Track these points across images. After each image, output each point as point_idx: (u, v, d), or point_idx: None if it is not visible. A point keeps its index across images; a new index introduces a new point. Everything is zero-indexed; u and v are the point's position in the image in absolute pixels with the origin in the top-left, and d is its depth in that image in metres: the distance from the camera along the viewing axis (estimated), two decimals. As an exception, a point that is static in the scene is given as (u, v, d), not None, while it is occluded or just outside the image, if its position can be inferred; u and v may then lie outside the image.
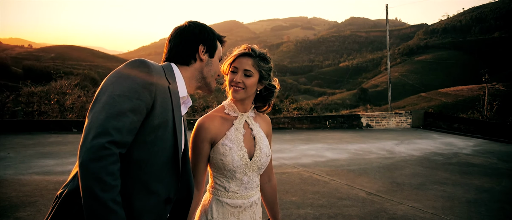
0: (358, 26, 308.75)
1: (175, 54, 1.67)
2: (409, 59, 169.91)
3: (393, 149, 10.42)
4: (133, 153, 1.41)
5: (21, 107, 13.49)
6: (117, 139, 1.29)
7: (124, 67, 1.45)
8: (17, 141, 9.95)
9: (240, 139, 1.89)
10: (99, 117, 1.30)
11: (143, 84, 1.40)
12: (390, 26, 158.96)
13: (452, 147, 11.04)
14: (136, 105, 1.36)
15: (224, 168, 1.87)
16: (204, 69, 1.72)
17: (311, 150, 9.97)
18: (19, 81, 15.69)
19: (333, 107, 57.57)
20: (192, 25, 1.71)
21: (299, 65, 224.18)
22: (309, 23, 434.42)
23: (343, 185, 6.57)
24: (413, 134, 13.97)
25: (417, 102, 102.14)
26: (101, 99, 1.35)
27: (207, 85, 1.76)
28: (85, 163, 1.23)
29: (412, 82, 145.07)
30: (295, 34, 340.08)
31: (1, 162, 7.45)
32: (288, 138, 12.30)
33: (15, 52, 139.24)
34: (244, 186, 1.91)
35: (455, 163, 8.75)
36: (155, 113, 1.43)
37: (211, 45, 1.73)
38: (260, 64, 1.88)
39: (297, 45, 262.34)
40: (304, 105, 20.01)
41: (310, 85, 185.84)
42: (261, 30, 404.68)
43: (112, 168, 1.26)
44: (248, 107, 1.98)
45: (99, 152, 1.24)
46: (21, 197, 5.31)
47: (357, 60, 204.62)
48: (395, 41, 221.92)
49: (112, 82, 1.39)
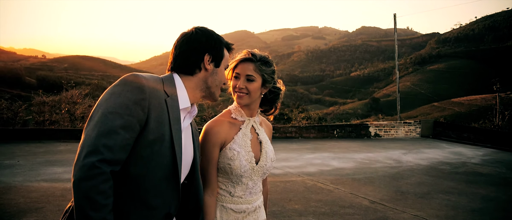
0: (369, 36, 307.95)
1: (180, 63, 1.63)
2: (421, 69, 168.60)
3: (400, 158, 10.36)
4: (130, 168, 1.40)
5: (32, 116, 13.75)
6: (108, 157, 1.30)
7: (117, 84, 1.44)
8: (27, 149, 10.14)
9: (247, 143, 1.90)
10: (92, 135, 1.31)
11: (135, 100, 1.39)
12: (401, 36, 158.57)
13: (461, 156, 10.94)
14: (127, 122, 1.36)
15: (232, 172, 1.86)
16: (209, 79, 1.68)
17: (317, 159, 9.97)
18: (31, 91, 16.00)
19: (345, 117, 57.27)
20: (199, 32, 1.66)
21: (310, 74, 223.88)
22: (320, 32, 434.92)
23: (347, 193, 6.56)
24: (422, 144, 13.87)
25: (430, 112, 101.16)
26: (95, 117, 1.37)
27: (212, 95, 1.72)
28: (77, 182, 1.25)
29: (425, 92, 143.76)
30: (306, 43, 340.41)
31: (11, 169, 7.61)
32: (294, 147, 12.31)
33: (29, 63, 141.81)
34: (249, 190, 1.92)
35: (462, 172, 8.66)
36: (150, 128, 1.42)
37: (217, 54, 1.68)
38: (262, 68, 1.87)
39: (308, 55, 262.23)
40: (313, 114, 19.97)
41: (321, 95, 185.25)
42: (272, 40, 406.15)
43: (103, 187, 1.27)
44: (254, 112, 1.98)
45: (90, 171, 1.25)
46: (28, 203, 5.42)
47: (368, 69, 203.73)
48: (407, 50, 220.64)
49: (105, 99, 1.40)
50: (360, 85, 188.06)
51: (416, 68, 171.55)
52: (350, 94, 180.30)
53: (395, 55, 19.43)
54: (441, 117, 65.32)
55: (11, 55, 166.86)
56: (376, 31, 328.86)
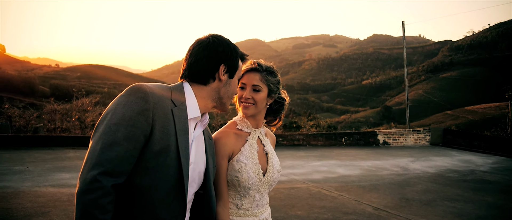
0: (381, 44, 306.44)
1: (194, 72, 1.59)
2: (433, 76, 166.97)
3: (407, 166, 10.29)
4: (136, 180, 1.39)
5: (43, 124, 14.02)
6: (110, 169, 1.30)
7: (122, 94, 1.43)
8: (37, 156, 10.32)
9: (255, 155, 1.88)
10: (96, 147, 1.32)
11: (139, 111, 1.37)
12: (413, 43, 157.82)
13: (470, 164, 10.82)
14: (131, 133, 1.35)
15: (239, 185, 1.83)
16: (222, 90, 1.64)
17: (323, 166, 9.96)
18: (42, 100, 16.31)
19: (356, 126, 56.94)
20: (216, 41, 1.61)
21: (322, 83, 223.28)
22: (331, 40, 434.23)
23: (351, 200, 6.55)
24: (431, 151, 13.74)
25: (443, 120, 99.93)
26: (99, 128, 1.37)
27: (222, 106, 1.68)
28: (78, 194, 1.27)
29: (437, 100, 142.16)
30: (317, 52, 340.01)
31: (20, 174, 7.76)
32: (301, 154, 12.31)
33: (43, 72, 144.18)
34: (256, 203, 1.89)
35: (470, 180, 8.57)
36: (155, 139, 1.40)
37: (232, 65, 1.64)
38: (268, 78, 1.87)
39: (319, 63, 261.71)
40: (322, 122, 19.93)
41: (332, 103, 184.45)
42: (282, 48, 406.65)
43: (102, 201, 1.27)
44: (260, 123, 1.96)
45: (91, 184, 1.26)
46: (35, 207, 5.54)
47: (380, 77, 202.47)
48: (419, 58, 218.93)
49: (110, 110, 1.40)
50: (372, 94, 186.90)
51: (429, 76, 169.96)
52: (362, 103, 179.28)
53: (404, 63, 19.38)
54: (454, 125, 64.56)
55: (25, 64, 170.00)
56: (388, 39, 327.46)
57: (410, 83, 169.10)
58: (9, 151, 10.96)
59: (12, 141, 11.94)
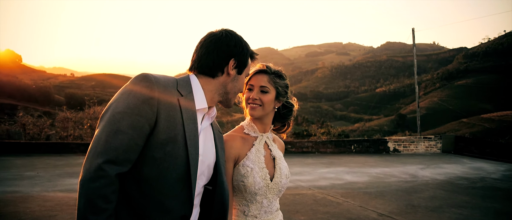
0: (394, 51, 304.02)
1: (203, 64, 1.58)
2: (448, 84, 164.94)
3: (416, 173, 10.19)
4: (143, 170, 1.38)
5: (56, 131, 14.30)
6: (113, 158, 1.29)
7: (128, 84, 1.43)
8: (48, 162, 10.53)
9: (261, 159, 1.84)
10: (101, 136, 1.32)
11: (144, 99, 1.37)
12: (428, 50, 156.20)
13: (481, 172, 10.66)
14: (135, 121, 1.34)
15: (245, 190, 1.80)
16: (229, 85, 1.63)
17: (331, 173, 9.92)
18: (56, 108, 16.65)
19: (370, 134, 56.51)
20: (228, 35, 1.61)
21: (335, 91, 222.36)
22: (344, 48, 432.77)
23: (356, 206, 6.53)
24: (442, 159, 13.58)
25: (459, 128, 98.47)
26: (105, 117, 1.37)
27: (228, 101, 1.68)
28: (81, 182, 1.27)
29: (453, 108, 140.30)
30: (330, 60, 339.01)
31: (31, 180, 7.93)
32: (310, 161, 12.28)
33: (58, 81, 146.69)
34: (264, 209, 1.85)
35: (479, 187, 8.46)
36: (160, 128, 1.39)
37: (242, 61, 1.63)
38: (276, 80, 1.86)
39: (332, 71, 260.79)
40: (333, 130, 19.86)
41: (346, 111, 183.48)
42: (295, 56, 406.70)
43: (105, 191, 1.26)
44: (267, 127, 1.94)
45: (95, 172, 1.26)
46: (43, 211, 5.66)
47: (394, 85, 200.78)
48: (434, 66, 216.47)
49: (116, 99, 1.40)
50: (385, 102, 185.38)
51: (444, 83, 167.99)
52: (376, 111, 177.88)
53: (414, 70, 19.23)
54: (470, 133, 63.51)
55: (41, 74, 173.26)
56: (401, 46, 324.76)
57: (425, 91, 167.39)
58: (21, 157, 11.20)
59: (24, 148, 12.21)
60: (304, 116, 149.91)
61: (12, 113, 22.37)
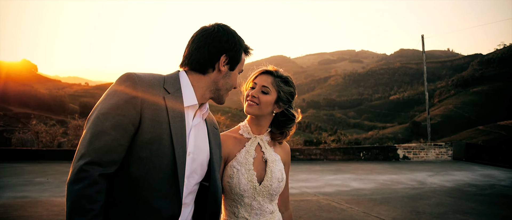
0: (408, 58, 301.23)
1: (194, 60, 1.55)
2: (463, 91, 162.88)
3: (424, 180, 10.10)
4: (130, 170, 1.38)
5: (68, 139, 14.57)
6: (96, 159, 1.30)
7: (113, 84, 1.43)
8: (58, 168, 10.72)
9: (249, 161, 1.82)
10: (85, 137, 1.34)
11: (126, 99, 1.37)
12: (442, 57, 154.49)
13: (491, 179, 10.52)
14: (118, 121, 1.34)
15: (231, 191, 1.80)
16: (220, 81, 1.60)
17: (338, 180, 9.90)
18: (68, 116, 16.95)
19: (384, 142, 56.05)
20: (221, 30, 1.57)
21: (348, 99, 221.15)
22: (357, 56, 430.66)
23: (360, 212, 6.52)
24: (452, 166, 13.42)
25: (475, 136, 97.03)
26: (90, 119, 1.38)
27: (219, 98, 1.64)
28: (67, 184, 1.29)
29: (468, 115, 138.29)
30: (343, 67, 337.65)
31: (40, 186, 8.11)
32: (317, 168, 12.26)
33: (73, 90, 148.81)
34: (254, 212, 1.82)
35: (487, 194, 8.36)
36: (145, 127, 1.38)
37: (234, 57, 1.59)
38: (280, 85, 1.84)
39: (345, 79, 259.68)
40: (343, 138, 19.77)
41: (359, 119, 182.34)
42: (308, 64, 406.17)
43: (88, 191, 1.27)
44: (263, 129, 1.91)
45: (78, 174, 1.28)
46: (50, 215, 5.81)
47: (408, 92, 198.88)
48: (448, 72, 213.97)
49: (101, 101, 1.41)
50: (399, 109, 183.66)
51: (459, 90, 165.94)
52: (390, 118, 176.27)
53: (424, 76, 19.13)
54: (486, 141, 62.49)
55: (56, 83, 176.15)
56: (415, 53, 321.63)
57: (440, 98, 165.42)
58: (32, 164, 11.44)
59: (36, 155, 12.47)
60: (317, 124, 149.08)
61: (27, 122, 22.87)
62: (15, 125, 26.53)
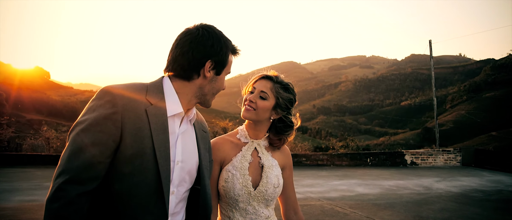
0: (419, 63, 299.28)
1: (178, 66, 1.48)
2: (476, 96, 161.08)
3: (431, 186, 10.06)
4: (114, 186, 1.35)
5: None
6: (75, 177, 1.26)
7: (93, 99, 1.39)
8: (66, 173, 10.94)
9: (245, 166, 1.80)
10: (65, 154, 1.30)
11: (106, 115, 1.32)
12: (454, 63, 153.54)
13: (499, 185, 10.43)
14: (98, 138, 1.30)
15: (226, 195, 1.78)
16: (206, 87, 1.54)
17: (343, 185, 9.91)
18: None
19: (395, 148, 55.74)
20: (205, 34, 1.49)
21: (359, 104, 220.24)
22: (367, 61, 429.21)
23: (363, 217, 6.53)
24: (460, 172, 13.31)
25: (487, 142, 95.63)
26: (71, 135, 1.34)
27: (206, 102, 1.60)
28: (46, 201, 1.26)
29: (481, 121, 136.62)
30: (354, 73, 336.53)
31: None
32: (324, 174, 12.26)
33: (85, 97, 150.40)
34: (249, 217, 1.80)
35: (494, 199, 8.30)
36: (126, 143, 1.34)
37: (220, 61, 1.52)
38: (279, 91, 1.82)
39: (355, 84, 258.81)
40: (351, 143, 19.74)
41: (370, 125, 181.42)
42: (318, 70, 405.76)
43: (64, 211, 1.24)
44: (261, 134, 1.89)
45: (56, 193, 1.24)
46: (56, 219, 5.95)
47: (419, 98, 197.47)
48: (460, 78, 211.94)
49: (81, 115, 1.37)
50: (411, 115, 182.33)
51: (471, 96, 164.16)
52: (401, 124, 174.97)
53: (432, 81, 19.04)
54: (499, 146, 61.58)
55: (68, 90, 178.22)
56: (426, 59, 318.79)
57: (452, 104, 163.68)
58: (42, 169, 11.67)
59: (46, 160, 12.70)
60: (328, 130, 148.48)
61: (39, 128, 23.24)
62: (27, 131, 27.01)
